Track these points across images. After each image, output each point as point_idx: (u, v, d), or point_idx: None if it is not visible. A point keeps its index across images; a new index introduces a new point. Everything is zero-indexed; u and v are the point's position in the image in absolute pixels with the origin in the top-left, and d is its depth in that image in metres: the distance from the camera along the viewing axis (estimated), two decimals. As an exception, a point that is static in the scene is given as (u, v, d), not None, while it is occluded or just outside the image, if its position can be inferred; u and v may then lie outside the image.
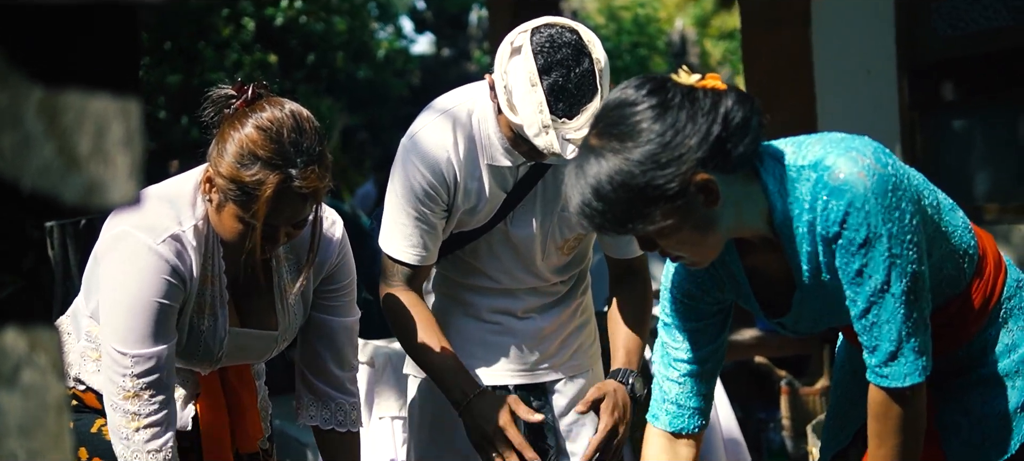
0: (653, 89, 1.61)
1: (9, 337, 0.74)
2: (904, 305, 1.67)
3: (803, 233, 1.69)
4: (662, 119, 1.58)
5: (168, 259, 1.94)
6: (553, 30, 2.07)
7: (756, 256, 1.77)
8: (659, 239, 1.64)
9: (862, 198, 1.62)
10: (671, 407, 1.91)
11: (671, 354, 1.90)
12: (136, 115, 0.78)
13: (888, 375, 1.70)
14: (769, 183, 1.68)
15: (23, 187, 0.73)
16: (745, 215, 1.67)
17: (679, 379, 1.89)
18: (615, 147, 1.58)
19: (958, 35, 4.29)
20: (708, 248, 1.67)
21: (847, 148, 1.66)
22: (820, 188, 1.65)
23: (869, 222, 1.63)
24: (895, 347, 1.69)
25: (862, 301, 1.68)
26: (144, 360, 1.95)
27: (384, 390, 2.99)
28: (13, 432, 0.73)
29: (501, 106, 2.09)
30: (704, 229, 1.63)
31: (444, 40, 15.14)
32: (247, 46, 10.88)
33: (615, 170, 1.58)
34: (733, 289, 1.84)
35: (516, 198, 2.28)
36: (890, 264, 1.65)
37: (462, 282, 2.41)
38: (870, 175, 1.63)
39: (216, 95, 2.00)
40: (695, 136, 1.57)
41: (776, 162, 1.69)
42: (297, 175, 1.91)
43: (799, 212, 1.68)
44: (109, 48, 0.78)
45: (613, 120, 1.61)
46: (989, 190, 4.43)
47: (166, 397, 1.99)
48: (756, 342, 4.76)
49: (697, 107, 1.59)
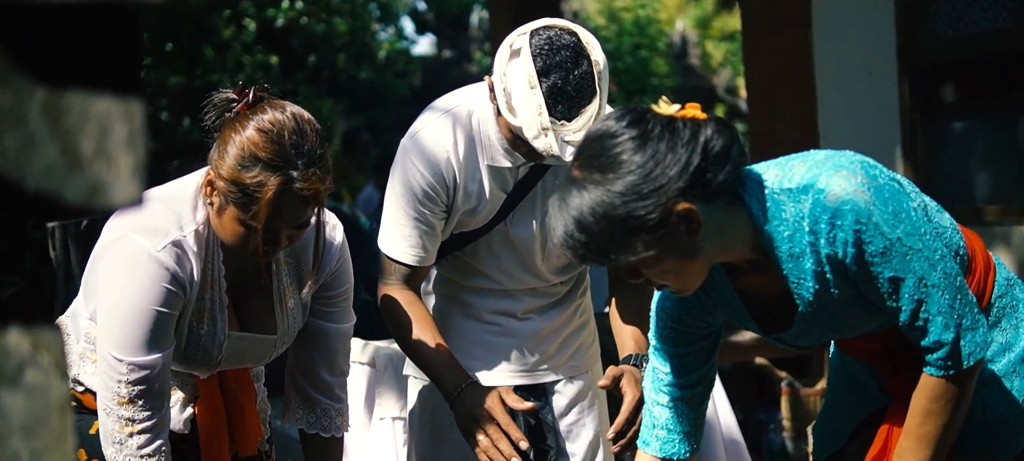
0: (633, 120, 1.64)
1: (12, 337, 0.75)
2: (946, 291, 1.69)
3: (801, 252, 1.70)
4: (642, 150, 1.61)
5: (168, 266, 1.94)
6: (552, 32, 2.08)
7: (747, 278, 1.79)
8: (642, 269, 1.67)
9: (866, 212, 1.64)
10: (661, 432, 1.92)
11: (661, 379, 1.91)
12: (139, 116, 0.78)
13: (952, 366, 1.72)
14: (753, 207, 1.69)
15: (27, 187, 0.73)
16: (729, 241, 1.69)
17: (669, 404, 1.91)
18: (597, 179, 1.61)
19: (959, 37, 4.29)
20: (691, 276, 1.69)
21: (836, 166, 1.68)
22: (819, 211, 1.66)
23: (881, 231, 1.65)
24: (954, 335, 1.70)
25: (907, 304, 1.69)
26: (141, 368, 1.95)
27: (385, 391, 2.99)
28: (16, 431, 0.74)
29: (500, 108, 2.09)
30: (687, 257, 1.65)
31: (445, 41, 15.14)
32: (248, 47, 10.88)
33: (597, 202, 1.60)
34: (725, 311, 1.86)
35: (516, 199, 2.29)
36: (917, 259, 1.67)
37: (462, 283, 2.42)
38: (866, 190, 1.65)
39: (217, 99, 2.00)
40: (675, 166, 1.60)
41: (758, 186, 1.71)
42: (298, 177, 1.91)
43: (791, 233, 1.69)
44: (112, 49, 0.78)
45: (594, 152, 1.64)
46: (990, 192, 4.43)
47: (160, 404, 1.99)
48: (756, 343, 4.76)
49: (677, 138, 1.62)
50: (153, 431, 1.98)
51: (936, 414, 1.76)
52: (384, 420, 2.97)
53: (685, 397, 1.90)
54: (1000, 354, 1.88)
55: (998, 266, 1.92)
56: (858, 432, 2.03)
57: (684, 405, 1.90)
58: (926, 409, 1.76)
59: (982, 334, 1.73)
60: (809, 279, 1.72)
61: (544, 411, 2.45)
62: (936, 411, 1.76)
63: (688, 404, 1.90)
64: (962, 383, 1.74)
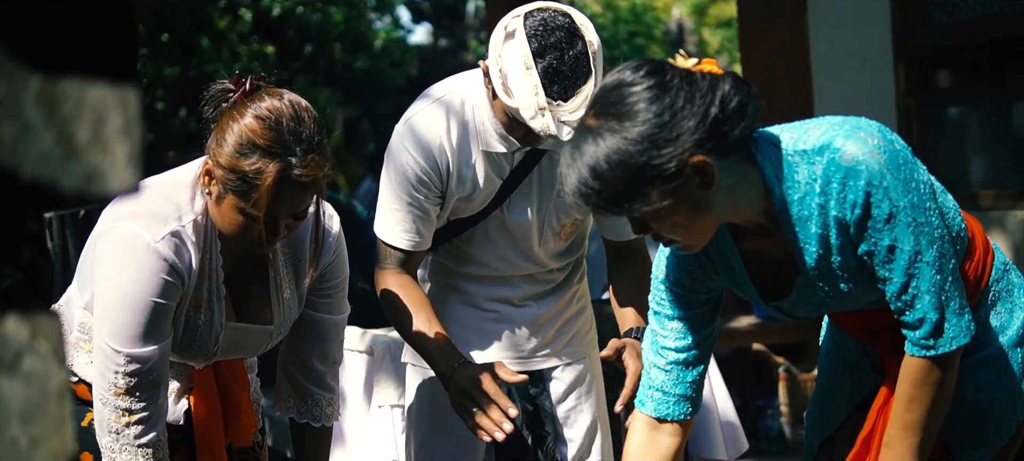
0: (651, 71, 1.62)
1: (10, 325, 0.75)
2: (939, 271, 1.69)
3: (809, 216, 1.69)
4: (660, 100, 1.59)
5: (167, 257, 1.94)
6: (546, 14, 2.08)
7: (751, 241, 1.78)
8: (653, 221, 1.65)
9: (879, 175, 1.64)
10: (656, 394, 1.92)
11: (659, 342, 1.91)
12: (134, 104, 0.78)
13: (936, 345, 1.72)
14: (766, 167, 1.68)
15: (23, 176, 0.74)
16: (740, 199, 1.68)
17: (666, 367, 1.90)
18: (613, 127, 1.59)
19: (954, 23, 4.29)
20: (702, 231, 1.68)
21: (853, 129, 1.68)
22: (832, 171, 1.65)
23: (890, 197, 1.65)
24: (939, 315, 1.70)
25: (899, 276, 1.69)
26: (138, 359, 1.94)
27: (383, 379, 3.00)
28: (15, 419, 0.74)
29: (496, 90, 2.09)
30: (699, 212, 1.64)
31: (441, 30, 15.12)
32: (244, 37, 10.87)
33: (613, 149, 1.58)
34: (727, 275, 1.85)
35: (512, 185, 2.29)
36: (918, 233, 1.67)
37: (459, 270, 2.42)
38: (881, 152, 1.65)
39: (214, 90, 1.99)
40: (693, 118, 1.58)
41: (773, 147, 1.70)
42: (297, 164, 1.91)
43: (801, 196, 1.69)
44: (107, 37, 0.79)
45: (611, 101, 1.61)
46: (985, 177, 4.44)
47: (157, 394, 1.99)
48: (754, 329, 4.77)
49: (695, 89, 1.60)
50: (150, 421, 1.98)
51: (920, 400, 1.76)
52: (382, 408, 2.98)
53: (682, 361, 1.89)
54: (994, 337, 1.88)
55: (996, 251, 1.93)
56: (850, 417, 2.04)
57: (680, 368, 1.90)
58: (910, 395, 1.76)
59: (967, 321, 1.72)
60: (813, 244, 1.71)
61: (541, 397, 2.46)
62: (920, 397, 1.76)
63: (684, 367, 1.90)
64: (944, 367, 1.74)
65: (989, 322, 1.89)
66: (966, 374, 1.87)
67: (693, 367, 1.90)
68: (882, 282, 1.71)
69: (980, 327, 1.88)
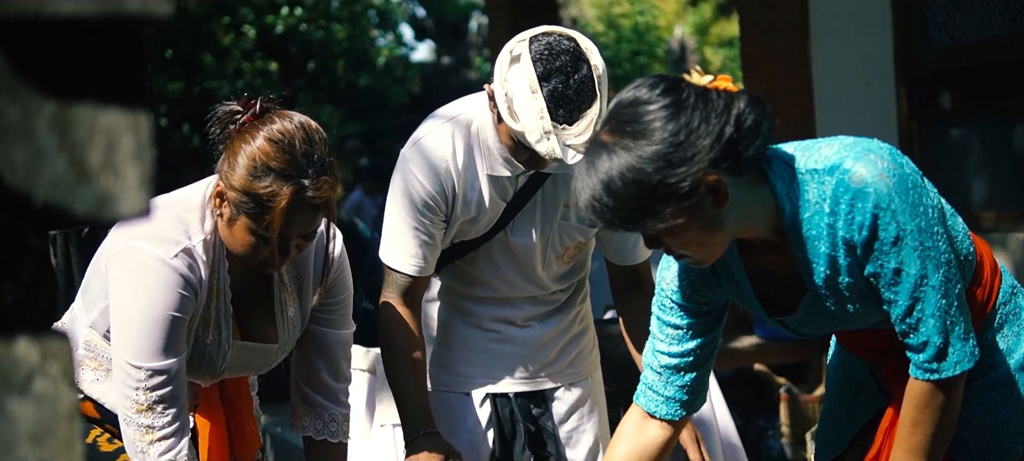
0: (667, 89, 1.62)
1: (21, 347, 0.76)
2: (945, 295, 1.69)
3: (818, 235, 1.70)
4: (676, 119, 1.59)
5: (181, 271, 1.95)
6: (551, 38, 2.09)
7: (758, 256, 1.79)
8: (666, 238, 1.65)
9: (887, 198, 1.64)
10: (648, 392, 1.95)
11: (655, 344, 1.93)
12: (146, 129, 0.79)
13: (939, 369, 1.72)
14: (778, 186, 1.69)
15: (35, 199, 0.75)
16: (752, 216, 1.69)
17: (658, 369, 1.93)
18: (628, 145, 1.59)
19: (955, 45, 4.31)
20: (714, 248, 1.69)
21: (864, 151, 1.68)
22: (841, 192, 1.66)
23: (897, 220, 1.65)
24: (943, 340, 1.70)
25: (904, 299, 1.69)
26: (159, 373, 1.96)
27: (385, 398, 3.00)
28: (25, 440, 0.75)
29: (502, 114, 2.10)
30: (711, 229, 1.65)
31: (444, 48, 15.16)
32: (248, 54, 10.90)
33: (627, 167, 1.59)
34: (732, 289, 1.86)
35: (516, 207, 2.30)
36: (924, 257, 1.67)
37: (462, 291, 2.43)
38: (891, 176, 1.65)
39: (221, 111, 2.01)
40: (708, 137, 1.59)
41: (785, 165, 1.70)
42: (310, 186, 1.92)
43: (811, 215, 1.69)
44: (119, 62, 0.80)
45: (626, 118, 1.62)
46: (986, 198, 4.45)
47: (179, 408, 2.00)
48: (755, 349, 4.77)
49: (710, 108, 1.60)
50: (174, 437, 1.99)
51: (924, 424, 1.76)
52: (384, 427, 2.97)
53: (674, 366, 1.91)
54: (1002, 360, 1.88)
55: (1004, 274, 1.93)
56: (859, 436, 2.04)
57: (671, 372, 1.92)
58: (914, 419, 1.77)
59: (972, 346, 1.72)
60: (821, 263, 1.72)
61: (544, 418, 2.46)
62: (924, 420, 1.76)
63: (675, 372, 1.92)
64: (948, 391, 1.74)
65: (996, 344, 1.89)
66: (973, 396, 1.87)
67: (686, 373, 1.92)
68: (887, 304, 1.72)
69: (987, 350, 1.88)
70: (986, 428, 1.88)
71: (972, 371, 1.84)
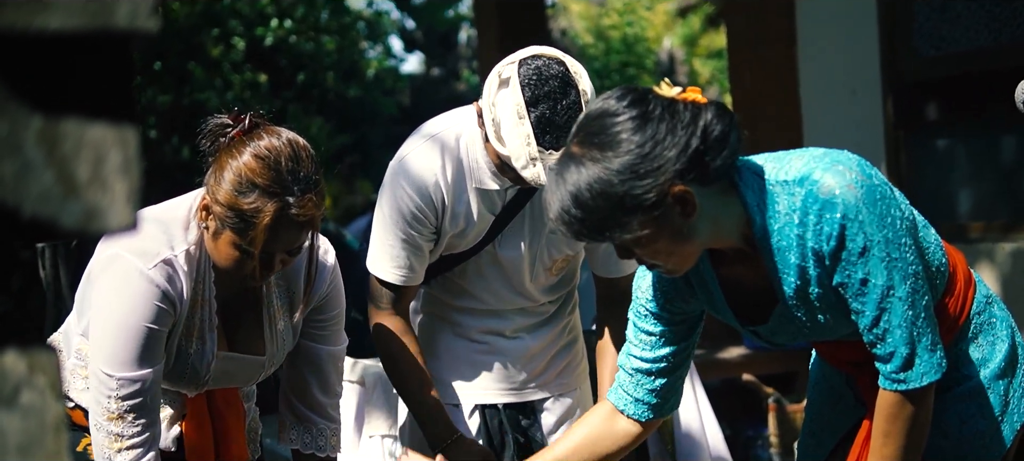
0: (634, 101, 1.64)
1: (9, 359, 0.76)
2: (911, 306, 1.70)
3: (788, 245, 1.71)
4: (642, 130, 1.61)
5: (159, 284, 1.96)
6: (540, 62, 2.09)
7: (730, 266, 1.80)
8: (636, 248, 1.68)
9: (855, 209, 1.66)
10: (619, 390, 1.99)
11: (629, 349, 1.96)
12: (134, 143, 0.80)
13: (906, 379, 1.73)
14: (748, 196, 1.71)
15: (23, 213, 0.75)
16: (722, 227, 1.71)
17: (630, 371, 1.96)
18: (595, 156, 1.62)
19: (941, 55, 4.33)
20: (685, 257, 1.71)
21: (833, 162, 1.69)
22: (810, 202, 1.67)
23: (865, 230, 1.66)
24: (909, 350, 1.72)
25: (871, 310, 1.71)
26: (130, 383, 1.97)
27: (374, 409, 3.00)
28: (12, 452, 0.75)
29: (489, 137, 2.11)
30: (681, 239, 1.67)
31: (433, 59, 15.17)
32: (237, 66, 10.89)
33: (594, 178, 1.61)
34: (705, 299, 1.87)
35: (504, 220, 2.30)
36: (891, 268, 1.68)
37: (451, 303, 2.43)
38: (859, 186, 1.66)
39: (212, 124, 2.02)
40: (674, 148, 1.61)
41: (755, 176, 1.72)
42: (294, 203, 1.93)
43: (781, 225, 1.71)
44: (106, 77, 0.80)
45: (594, 129, 1.64)
46: (973, 208, 4.47)
47: (150, 420, 2.01)
48: (743, 360, 4.78)
49: (677, 120, 1.62)
50: (142, 447, 1.99)
51: (895, 435, 1.77)
52: (373, 438, 2.98)
53: (645, 370, 1.94)
54: (975, 370, 1.89)
55: (978, 283, 1.94)
56: (840, 445, 2.05)
57: (642, 376, 1.95)
58: (885, 430, 1.78)
59: (939, 358, 1.73)
60: (792, 273, 1.73)
61: (533, 429, 2.46)
62: (894, 432, 1.77)
63: (647, 376, 1.95)
64: (916, 402, 1.75)
65: (970, 355, 1.90)
66: (948, 406, 1.88)
67: (657, 378, 1.94)
68: (855, 314, 1.73)
69: (962, 360, 1.89)
70: (962, 438, 1.89)
71: (947, 380, 1.85)
